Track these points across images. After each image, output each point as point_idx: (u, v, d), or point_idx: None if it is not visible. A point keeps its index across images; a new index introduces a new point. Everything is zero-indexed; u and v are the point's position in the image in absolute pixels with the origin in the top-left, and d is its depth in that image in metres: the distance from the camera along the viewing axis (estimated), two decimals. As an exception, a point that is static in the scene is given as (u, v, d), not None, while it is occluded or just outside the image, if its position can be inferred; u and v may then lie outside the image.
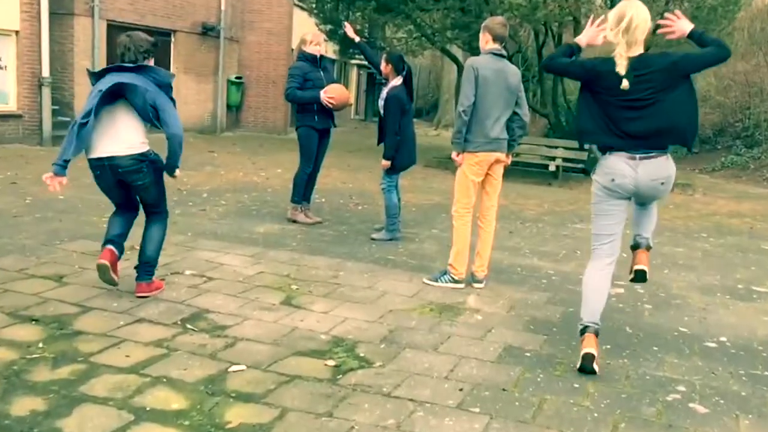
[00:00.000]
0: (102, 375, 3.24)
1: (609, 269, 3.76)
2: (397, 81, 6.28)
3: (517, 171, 11.58)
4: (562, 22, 13.81)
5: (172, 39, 15.88)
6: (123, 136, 4.13)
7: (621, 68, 3.50)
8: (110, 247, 4.27)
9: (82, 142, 4.04)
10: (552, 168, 12.93)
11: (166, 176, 4.38)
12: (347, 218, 7.56)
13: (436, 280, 5.13)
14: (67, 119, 13.03)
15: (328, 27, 16.02)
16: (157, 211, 4.47)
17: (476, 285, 5.14)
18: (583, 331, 3.67)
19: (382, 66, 6.37)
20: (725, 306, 5.15)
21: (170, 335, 3.79)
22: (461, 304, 4.73)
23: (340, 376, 3.42)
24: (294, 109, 7.02)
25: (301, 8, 18.36)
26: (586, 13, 13.26)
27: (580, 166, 13.34)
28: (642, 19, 3.50)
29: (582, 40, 3.80)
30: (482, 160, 4.98)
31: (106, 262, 4.19)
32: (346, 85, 26.74)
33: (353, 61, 25.87)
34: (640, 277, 3.91)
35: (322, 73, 6.75)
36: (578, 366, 3.63)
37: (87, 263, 4.97)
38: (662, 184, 3.62)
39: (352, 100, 14.63)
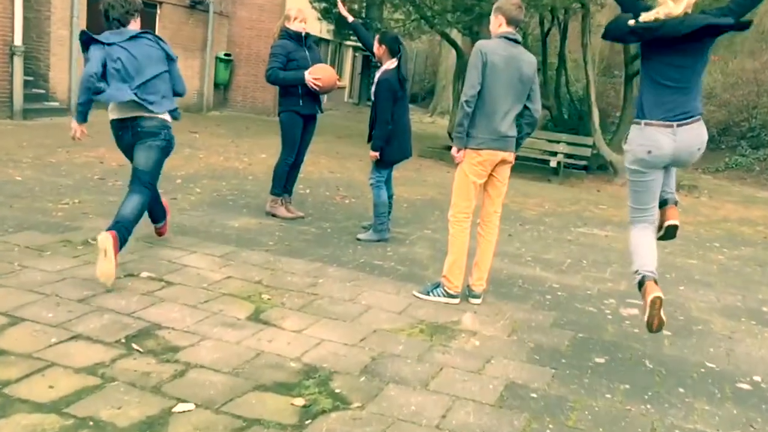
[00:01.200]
0: (14, 414, 2.61)
1: (651, 229, 3.78)
2: (391, 64, 5.61)
3: (515, 165, 10.92)
4: (569, 9, 13.14)
5: (158, 11, 15.08)
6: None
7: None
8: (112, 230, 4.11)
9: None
10: (553, 164, 12.30)
11: None
12: (332, 213, 6.92)
13: (428, 294, 4.51)
14: (42, 91, 12.29)
15: (322, 5, 15.28)
16: (145, 185, 4.41)
17: (473, 300, 4.53)
18: (641, 282, 3.57)
19: (375, 47, 5.69)
20: (752, 334, 4.57)
21: (109, 359, 3.16)
22: (456, 324, 4.12)
23: (309, 420, 2.81)
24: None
25: (295, -16, 17.55)
26: (595, 0, 12.61)
27: (582, 162, 12.72)
28: None
29: None
30: (486, 160, 4.37)
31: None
32: (341, 68, 26.01)
33: (348, 43, 25.08)
34: (671, 233, 3.93)
35: (307, 52, 6.05)
36: (646, 317, 3.48)
37: (29, 260, 4.32)
38: (698, 149, 3.63)
39: (343, 83, 13.79)
